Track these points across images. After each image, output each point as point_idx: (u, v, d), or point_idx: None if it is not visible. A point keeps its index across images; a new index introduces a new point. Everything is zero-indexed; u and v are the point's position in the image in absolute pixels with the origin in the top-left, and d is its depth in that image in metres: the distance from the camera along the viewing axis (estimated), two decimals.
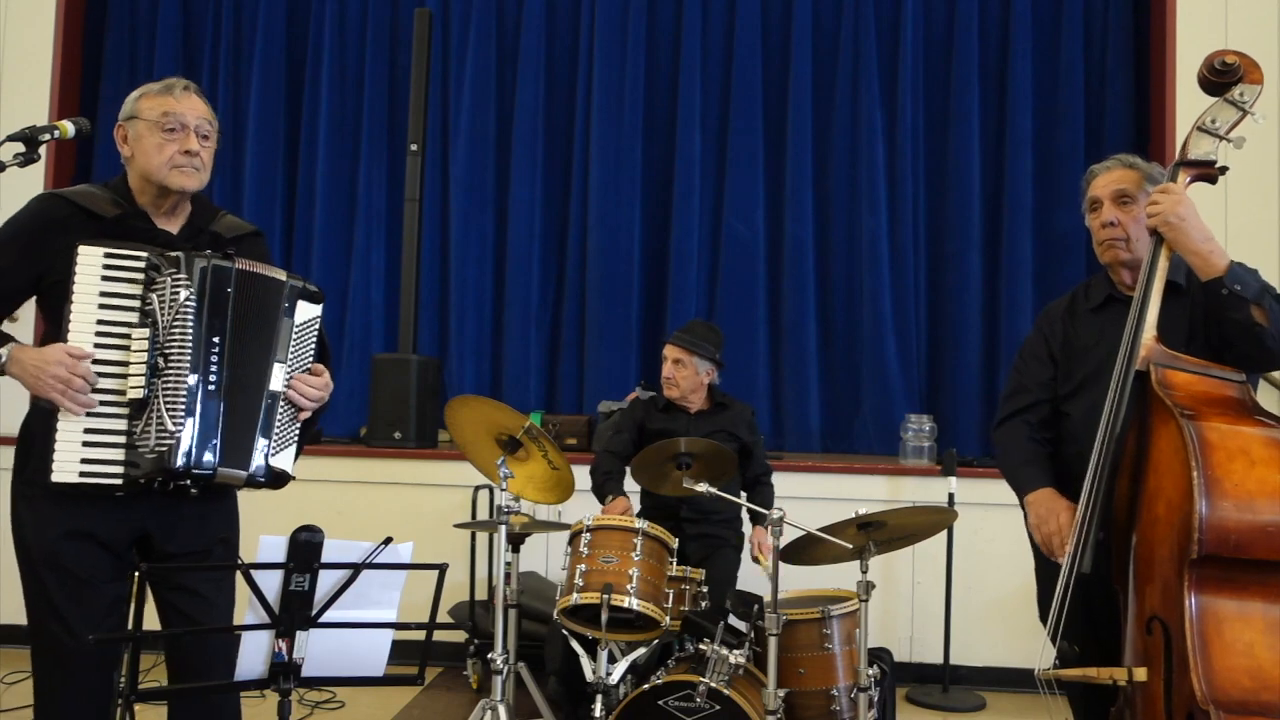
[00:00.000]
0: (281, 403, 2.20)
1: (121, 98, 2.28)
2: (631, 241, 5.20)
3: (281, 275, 2.23)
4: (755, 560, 3.49)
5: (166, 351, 2.06)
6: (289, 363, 2.22)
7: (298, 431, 2.26)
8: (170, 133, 2.18)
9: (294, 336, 2.23)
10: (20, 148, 2.10)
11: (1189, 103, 4.56)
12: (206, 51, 5.49)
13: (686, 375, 3.70)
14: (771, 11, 5.25)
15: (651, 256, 5.28)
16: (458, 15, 5.40)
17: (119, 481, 2.05)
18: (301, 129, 5.46)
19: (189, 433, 2.06)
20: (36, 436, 2.12)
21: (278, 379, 2.20)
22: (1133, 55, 5.07)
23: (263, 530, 1.87)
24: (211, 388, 2.09)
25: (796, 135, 5.15)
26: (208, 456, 2.09)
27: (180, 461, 2.05)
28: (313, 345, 2.29)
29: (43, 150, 2.15)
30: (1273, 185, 4.44)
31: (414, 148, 4.88)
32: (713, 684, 2.79)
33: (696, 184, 5.19)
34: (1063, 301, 2.57)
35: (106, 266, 2.07)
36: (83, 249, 2.06)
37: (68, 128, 2.18)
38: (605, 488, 3.64)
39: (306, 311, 2.26)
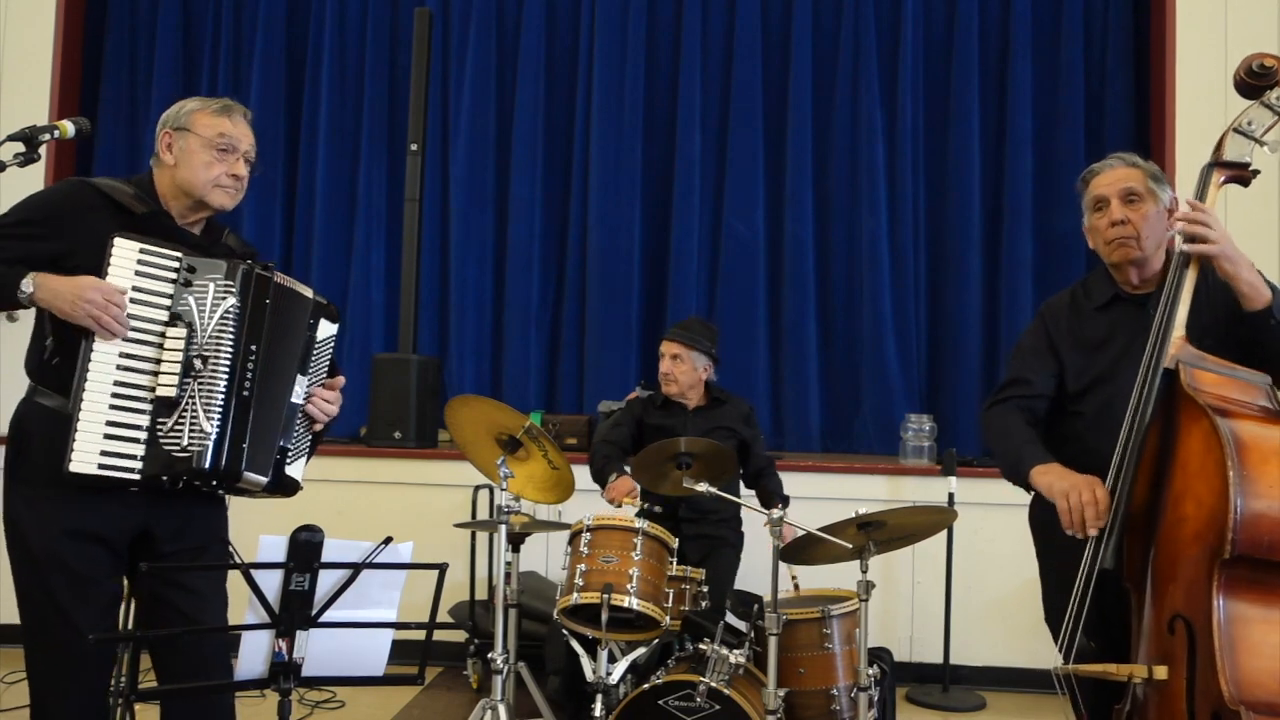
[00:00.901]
0: (299, 414, 2.26)
1: (122, 98, 2.30)
2: (631, 241, 5.20)
3: (309, 292, 2.29)
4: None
5: (205, 354, 2.09)
6: (309, 376, 2.27)
7: (309, 443, 2.32)
8: (223, 153, 2.24)
9: (315, 352, 2.29)
10: (20, 148, 2.10)
11: (1189, 103, 4.59)
12: (206, 51, 5.49)
13: (685, 370, 3.71)
14: (771, 11, 5.25)
15: (651, 256, 5.28)
16: (458, 15, 5.40)
17: (136, 476, 2.05)
18: (301, 129, 5.46)
19: (223, 434, 2.09)
20: (35, 435, 2.11)
21: (299, 391, 2.25)
22: (1133, 55, 5.07)
23: (263, 530, 1.87)
24: (246, 394, 2.12)
25: (796, 135, 5.15)
26: (238, 459, 2.11)
27: (211, 462, 2.07)
28: (328, 362, 2.35)
29: (43, 150, 2.14)
30: (1273, 185, 4.43)
31: (414, 148, 4.88)
32: (713, 684, 2.79)
33: (696, 184, 5.20)
34: (1063, 298, 2.55)
35: (140, 262, 2.09)
36: (119, 241, 2.08)
37: (68, 128, 2.18)
38: (606, 470, 3.59)
39: (327, 329, 2.33)
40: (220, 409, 2.09)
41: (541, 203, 5.32)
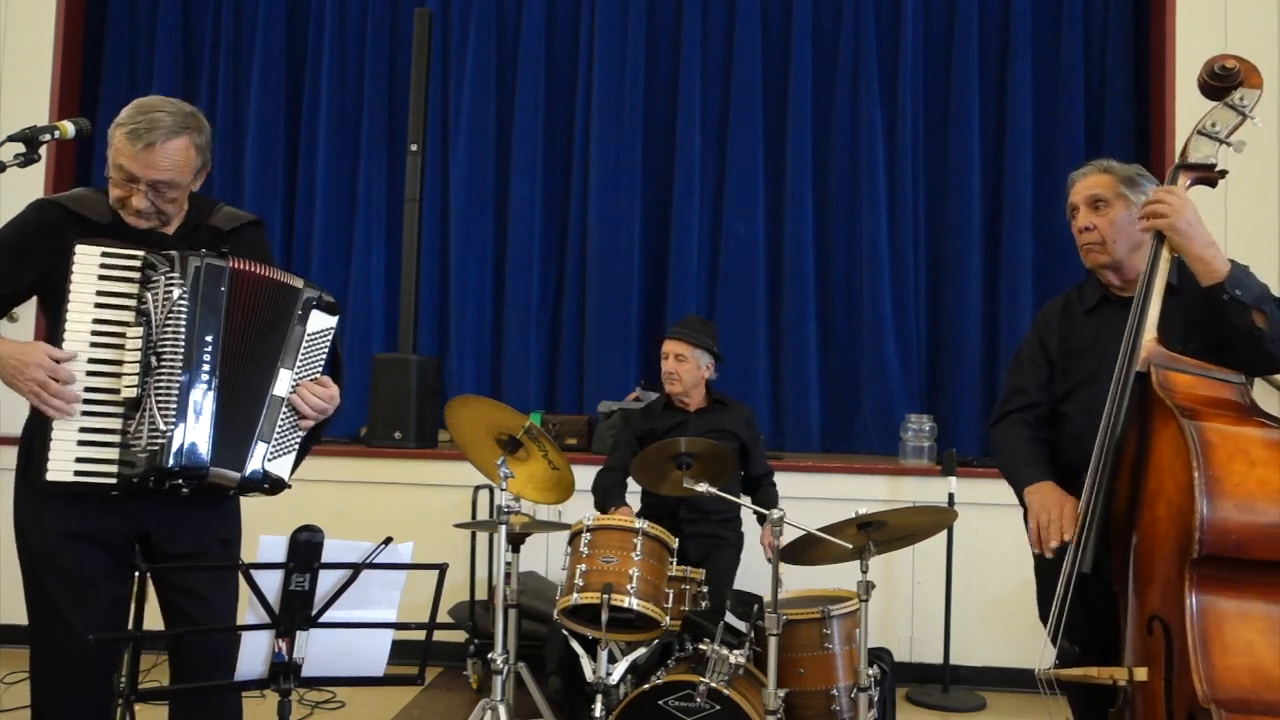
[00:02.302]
0: (285, 409, 2.18)
1: (122, 98, 2.28)
2: (631, 241, 5.20)
3: (297, 283, 2.22)
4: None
5: (160, 350, 2.05)
6: (296, 370, 2.19)
7: (299, 440, 2.23)
8: (126, 180, 2.13)
9: (305, 344, 2.20)
10: (20, 148, 2.10)
11: (1189, 103, 4.57)
12: (206, 51, 5.49)
13: (688, 369, 3.71)
14: (771, 11, 5.25)
15: (651, 256, 5.28)
16: (458, 15, 5.40)
17: (113, 481, 2.04)
18: (301, 129, 5.46)
19: (181, 431, 2.04)
20: (36, 438, 2.11)
21: (283, 384, 2.17)
22: (1133, 55, 5.07)
23: (263, 530, 1.87)
24: (204, 386, 2.07)
25: (796, 135, 5.15)
26: (200, 456, 2.06)
27: (172, 461, 2.03)
28: (324, 356, 2.26)
29: (43, 150, 2.14)
30: (1273, 186, 4.44)
31: (414, 148, 4.88)
32: (713, 684, 2.79)
33: (696, 184, 5.19)
34: (1057, 303, 2.59)
35: (103, 265, 2.07)
36: (80, 248, 2.06)
37: (68, 128, 2.17)
38: (607, 501, 3.66)
39: (320, 321, 2.23)
40: (176, 404, 2.04)
41: (541, 203, 5.31)
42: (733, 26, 5.23)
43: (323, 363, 2.26)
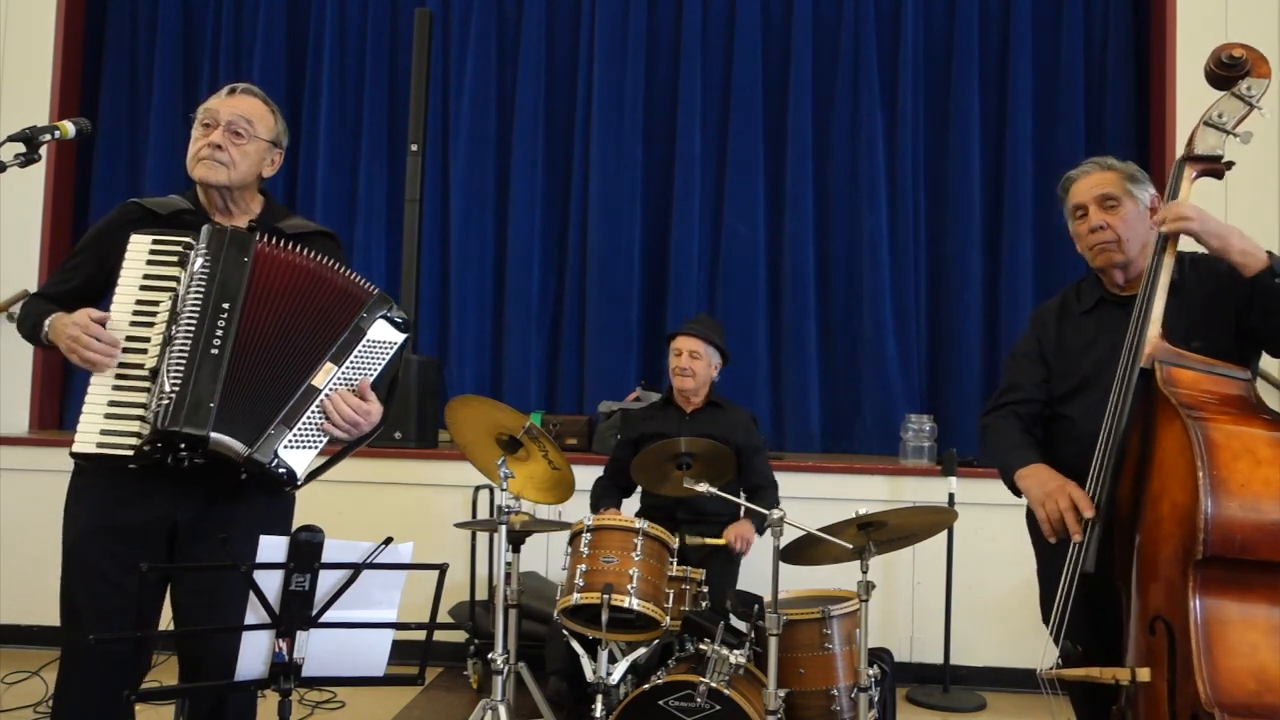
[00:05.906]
0: (321, 401, 2.13)
1: (121, 98, 2.32)
2: (632, 241, 5.20)
3: (369, 287, 2.22)
4: (730, 547, 3.50)
5: (180, 319, 2.08)
6: (345, 369, 2.16)
7: (322, 440, 2.18)
8: (205, 128, 2.27)
9: (362, 348, 2.18)
10: (20, 148, 2.10)
11: (1189, 102, 4.58)
12: (206, 52, 5.49)
13: (701, 366, 3.74)
14: (771, 11, 5.25)
15: (652, 256, 5.28)
16: (458, 15, 5.40)
17: (130, 452, 2.04)
18: (301, 129, 5.46)
19: (186, 393, 2.02)
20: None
21: (324, 377, 2.14)
22: (1133, 55, 5.08)
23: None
24: (215, 351, 2.05)
25: (796, 135, 5.15)
26: (201, 418, 2.01)
27: (171, 420, 2.00)
28: (378, 366, 2.21)
29: (43, 150, 2.14)
30: (1273, 185, 4.44)
31: (414, 148, 4.88)
32: (713, 684, 2.79)
33: (697, 184, 5.20)
34: (1054, 303, 2.57)
35: (152, 251, 2.14)
36: (134, 236, 2.15)
37: (68, 128, 2.18)
38: (600, 504, 3.70)
39: (384, 332, 2.21)
40: (183, 366, 2.04)
41: (541, 203, 5.32)
42: (733, 26, 5.24)
43: (375, 372, 2.22)
